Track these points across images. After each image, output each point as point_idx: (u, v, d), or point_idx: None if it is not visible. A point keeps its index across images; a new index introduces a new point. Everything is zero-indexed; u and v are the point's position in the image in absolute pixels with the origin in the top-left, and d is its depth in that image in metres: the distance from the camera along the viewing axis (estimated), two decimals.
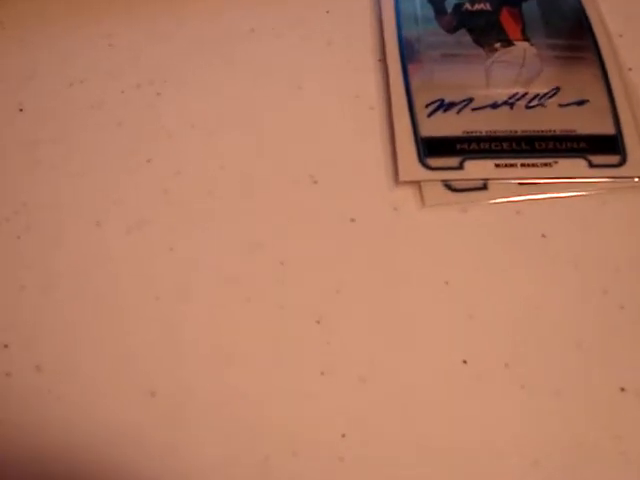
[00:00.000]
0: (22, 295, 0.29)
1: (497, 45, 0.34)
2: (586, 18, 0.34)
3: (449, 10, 0.35)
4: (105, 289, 0.29)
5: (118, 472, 0.26)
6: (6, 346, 0.28)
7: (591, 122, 0.31)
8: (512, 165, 0.30)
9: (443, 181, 0.30)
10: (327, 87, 0.33)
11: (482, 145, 0.31)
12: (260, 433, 0.26)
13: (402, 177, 0.30)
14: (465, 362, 0.27)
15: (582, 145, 0.31)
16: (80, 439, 0.26)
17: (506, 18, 0.35)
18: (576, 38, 0.34)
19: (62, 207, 0.31)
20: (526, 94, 0.32)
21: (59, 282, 0.29)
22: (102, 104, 0.33)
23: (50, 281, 0.29)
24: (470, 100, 0.32)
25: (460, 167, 0.30)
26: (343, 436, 0.26)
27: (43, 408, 0.27)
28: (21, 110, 0.33)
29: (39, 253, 0.30)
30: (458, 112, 0.32)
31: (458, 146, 0.31)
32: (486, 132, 0.31)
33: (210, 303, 0.28)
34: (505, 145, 0.31)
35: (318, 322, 0.28)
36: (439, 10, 0.35)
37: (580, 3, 0.35)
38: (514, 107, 0.32)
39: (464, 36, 0.34)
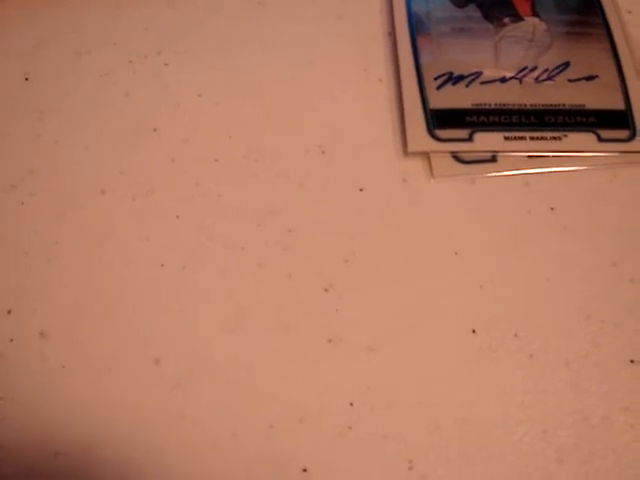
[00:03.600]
0: (26, 261, 0.28)
1: (506, 20, 0.34)
2: None
3: None
4: (110, 256, 0.29)
5: (121, 440, 0.25)
6: (9, 312, 0.28)
7: (600, 97, 0.31)
8: (521, 138, 0.30)
9: (452, 152, 0.30)
10: (336, 59, 0.33)
11: (491, 118, 0.31)
12: (266, 401, 0.26)
13: (411, 148, 0.30)
14: (474, 332, 0.27)
15: (591, 119, 0.31)
16: (83, 406, 0.26)
17: None
18: (586, 14, 0.34)
19: (67, 175, 0.30)
20: (535, 69, 0.32)
21: (63, 248, 0.29)
22: (109, 74, 0.33)
23: (54, 247, 0.29)
24: (479, 74, 0.32)
25: (469, 139, 0.30)
26: (351, 405, 0.26)
27: (47, 374, 0.26)
28: (27, 79, 0.33)
29: (43, 220, 0.29)
30: (467, 85, 0.32)
31: (467, 118, 0.31)
32: (495, 105, 0.31)
33: (216, 270, 0.28)
34: (514, 118, 0.31)
35: (326, 290, 0.28)
36: None
37: None
38: (523, 81, 0.32)
39: (473, 11, 0.34)
